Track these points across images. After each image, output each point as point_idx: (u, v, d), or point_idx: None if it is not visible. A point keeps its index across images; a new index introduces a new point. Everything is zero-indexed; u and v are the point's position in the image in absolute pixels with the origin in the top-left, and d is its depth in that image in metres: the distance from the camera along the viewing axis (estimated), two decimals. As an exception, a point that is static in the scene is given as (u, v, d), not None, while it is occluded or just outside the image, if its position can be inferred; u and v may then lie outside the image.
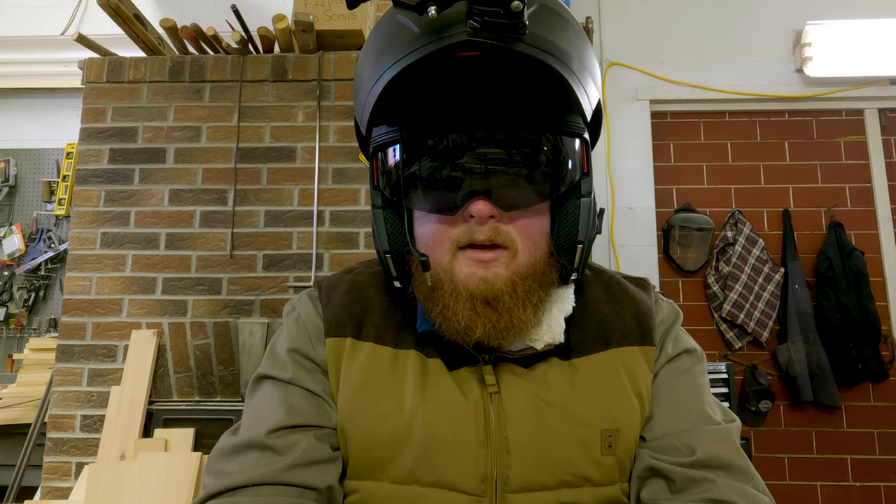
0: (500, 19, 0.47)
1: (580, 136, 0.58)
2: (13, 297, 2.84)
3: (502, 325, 0.56)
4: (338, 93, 2.16)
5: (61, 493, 1.93)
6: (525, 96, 0.55)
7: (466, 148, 0.55)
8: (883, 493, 2.50)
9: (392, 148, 0.58)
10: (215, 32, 2.13)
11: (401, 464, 0.59)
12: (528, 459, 0.58)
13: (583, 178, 0.59)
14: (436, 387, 0.61)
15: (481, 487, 0.57)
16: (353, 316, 0.65)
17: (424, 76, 0.52)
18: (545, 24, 0.52)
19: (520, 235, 0.57)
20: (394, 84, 0.52)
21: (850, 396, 2.56)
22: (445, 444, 0.58)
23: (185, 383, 2.02)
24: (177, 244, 2.09)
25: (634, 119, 2.71)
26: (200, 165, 2.14)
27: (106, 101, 2.18)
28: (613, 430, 0.60)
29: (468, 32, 0.49)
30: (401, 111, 0.57)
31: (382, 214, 0.61)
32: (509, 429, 0.58)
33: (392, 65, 0.52)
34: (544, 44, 0.51)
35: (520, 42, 0.49)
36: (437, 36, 0.50)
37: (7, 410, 2.24)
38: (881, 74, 2.66)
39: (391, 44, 0.53)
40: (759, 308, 2.56)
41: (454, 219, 0.58)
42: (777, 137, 2.77)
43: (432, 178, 0.57)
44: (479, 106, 0.55)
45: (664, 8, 2.80)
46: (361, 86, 0.59)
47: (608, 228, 2.63)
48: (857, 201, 2.71)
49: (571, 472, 0.58)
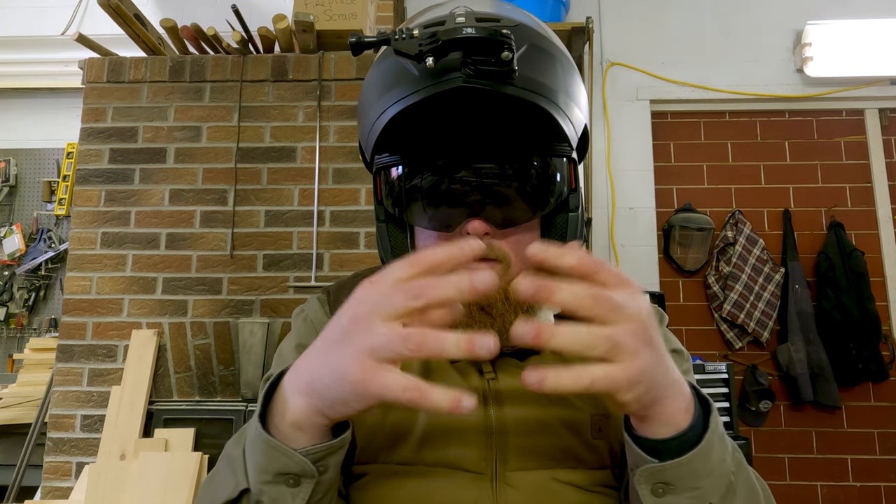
0: (492, 67, 0.53)
1: (567, 155, 0.63)
2: (13, 297, 2.84)
3: (495, 328, 0.60)
4: (338, 93, 2.16)
5: (61, 493, 1.93)
6: (515, 128, 0.61)
7: (462, 171, 0.61)
8: (883, 493, 2.50)
9: (394, 168, 0.64)
10: (216, 32, 2.13)
11: (406, 448, 0.62)
12: (524, 440, 0.62)
13: (570, 193, 0.64)
14: (437, 375, 0.65)
15: (482, 465, 0.61)
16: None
17: (423, 113, 0.58)
18: (533, 63, 0.58)
19: (512, 249, 0.62)
20: (395, 119, 0.58)
21: (850, 396, 2.56)
22: (448, 426, 0.62)
23: (186, 383, 2.02)
24: (177, 244, 2.09)
25: (635, 119, 2.71)
26: (201, 165, 2.14)
27: (106, 101, 2.18)
28: (603, 416, 0.64)
29: (462, 79, 0.54)
30: (402, 141, 0.62)
31: (386, 228, 0.67)
32: (506, 412, 0.63)
33: (394, 103, 0.58)
34: (532, 84, 0.57)
35: (510, 85, 0.55)
36: (436, 80, 0.55)
37: (7, 410, 2.24)
38: (881, 74, 2.66)
39: (394, 83, 0.59)
40: (760, 308, 2.56)
41: (452, 235, 0.63)
42: (777, 137, 2.77)
43: (432, 199, 0.62)
44: (473, 136, 0.60)
45: (664, 8, 2.80)
46: (366, 116, 0.64)
47: (608, 228, 2.63)
48: (857, 201, 2.71)
49: (565, 454, 0.62)
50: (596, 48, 2.73)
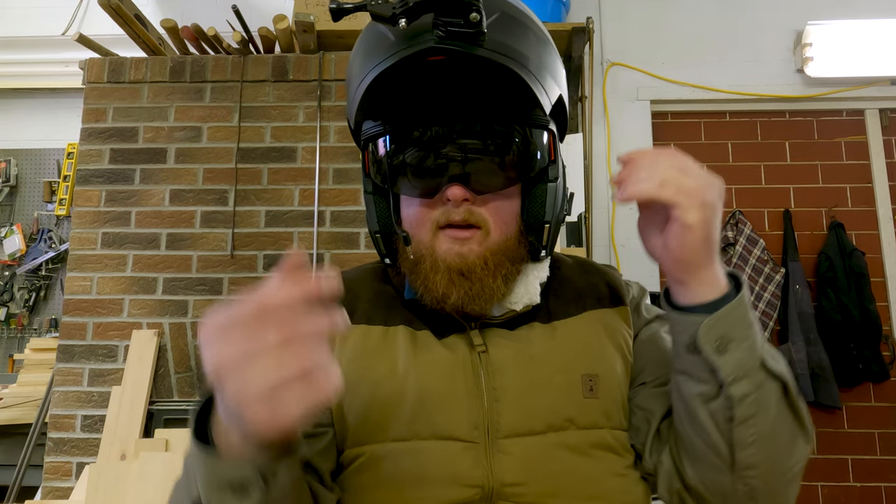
0: (462, 28, 0.56)
1: (546, 127, 0.66)
2: (14, 297, 2.84)
3: (474, 292, 0.64)
4: (338, 93, 2.16)
5: (62, 493, 1.93)
6: (493, 93, 0.63)
7: (442, 139, 0.63)
8: (884, 493, 2.50)
9: (380, 140, 0.66)
10: (216, 33, 2.13)
11: (399, 422, 0.63)
12: (515, 406, 0.64)
13: (550, 164, 0.67)
14: (426, 351, 0.67)
15: (474, 434, 0.63)
16: (344, 305, 0.69)
17: (403, 77, 0.61)
18: (505, 29, 0.60)
19: (492, 216, 0.65)
20: (375, 84, 0.60)
21: (850, 397, 2.56)
22: (439, 396, 0.64)
23: (186, 383, 2.02)
24: (177, 244, 2.09)
25: (635, 119, 2.71)
26: (201, 165, 2.14)
27: (107, 101, 2.18)
28: (593, 375, 0.66)
29: (434, 40, 0.57)
30: (385, 108, 0.65)
31: (373, 199, 0.70)
32: (497, 380, 0.65)
33: (373, 68, 0.60)
34: (502, 48, 0.59)
35: (479, 48, 0.58)
36: (409, 43, 0.58)
37: (8, 410, 2.24)
38: (882, 74, 2.66)
39: (372, 50, 0.62)
40: (760, 308, 2.56)
41: (434, 202, 0.66)
42: (778, 138, 2.77)
43: (413, 166, 0.65)
44: (452, 102, 0.63)
45: (664, 8, 2.80)
46: (350, 86, 0.67)
47: (608, 228, 2.62)
48: (857, 201, 2.70)
49: (557, 415, 0.64)
50: (596, 48, 2.73)
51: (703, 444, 0.59)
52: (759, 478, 0.57)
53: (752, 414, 0.56)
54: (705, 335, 0.55)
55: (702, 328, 0.55)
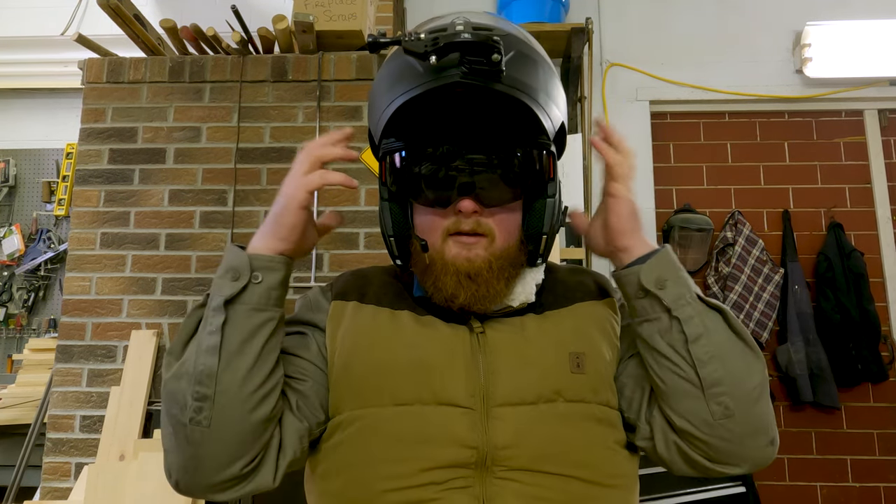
0: (484, 66, 0.65)
1: (546, 149, 0.74)
2: (13, 298, 2.84)
3: (480, 293, 0.73)
4: (338, 93, 2.16)
5: (61, 493, 1.93)
6: (503, 119, 0.72)
7: (457, 156, 0.71)
8: (883, 493, 2.50)
9: (398, 153, 0.74)
10: (215, 33, 2.13)
11: (403, 387, 0.71)
12: (509, 379, 0.72)
13: (549, 182, 0.75)
14: (431, 328, 0.76)
15: (472, 401, 0.70)
16: (357, 287, 0.82)
17: (425, 105, 0.69)
18: (519, 67, 0.69)
19: (497, 226, 0.74)
20: (401, 109, 0.69)
21: (849, 397, 2.56)
22: (441, 367, 0.72)
23: (185, 384, 2.02)
24: (177, 244, 2.09)
25: (634, 120, 2.71)
26: (200, 166, 2.14)
27: (106, 101, 2.18)
28: (580, 353, 0.74)
29: (459, 75, 0.66)
30: (407, 128, 0.73)
31: (388, 206, 0.77)
32: (493, 357, 0.73)
33: (401, 94, 0.69)
34: (517, 83, 0.68)
35: (498, 83, 0.67)
36: (436, 76, 0.67)
37: (7, 411, 2.24)
38: (881, 75, 2.66)
39: (401, 78, 0.70)
40: (759, 309, 2.56)
41: (446, 211, 0.74)
42: (777, 138, 2.77)
43: (430, 179, 0.73)
44: (466, 127, 0.71)
45: (664, 8, 2.80)
46: (375, 106, 0.76)
47: (608, 229, 2.62)
48: (856, 202, 2.71)
49: (546, 388, 0.72)
50: (595, 49, 2.73)
51: (674, 376, 0.68)
52: (728, 395, 0.66)
53: (701, 333, 0.67)
54: (646, 277, 0.69)
55: (642, 272, 0.70)
